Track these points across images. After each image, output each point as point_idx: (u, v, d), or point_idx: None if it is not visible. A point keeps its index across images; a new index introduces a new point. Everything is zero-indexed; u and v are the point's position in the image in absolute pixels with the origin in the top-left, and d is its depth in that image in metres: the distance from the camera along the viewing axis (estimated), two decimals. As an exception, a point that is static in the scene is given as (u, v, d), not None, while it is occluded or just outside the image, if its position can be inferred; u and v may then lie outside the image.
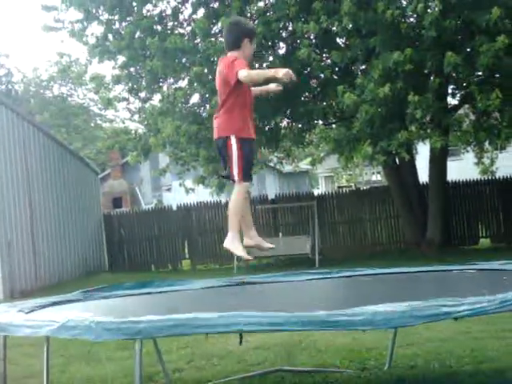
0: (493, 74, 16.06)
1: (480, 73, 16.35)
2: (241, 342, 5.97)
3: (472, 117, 19.94)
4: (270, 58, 17.43)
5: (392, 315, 4.41)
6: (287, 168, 33.81)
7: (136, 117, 21.19)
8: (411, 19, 16.19)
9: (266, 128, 18.50)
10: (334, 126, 19.74)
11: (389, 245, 21.01)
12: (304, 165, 32.36)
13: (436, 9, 14.58)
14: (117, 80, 18.59)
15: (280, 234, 21.21)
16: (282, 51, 17.90)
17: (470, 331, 8.30)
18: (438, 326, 8.14)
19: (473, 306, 4.49)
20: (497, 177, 22.00)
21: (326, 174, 44.49)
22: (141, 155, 19.44)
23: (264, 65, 17.64)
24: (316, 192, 28.82)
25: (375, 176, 39.39)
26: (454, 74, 15.91)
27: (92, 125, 49.74)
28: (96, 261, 21.88)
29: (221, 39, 17.25)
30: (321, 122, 19.43)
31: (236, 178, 5.65)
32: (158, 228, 22.21)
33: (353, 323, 4.42)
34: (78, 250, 21.10)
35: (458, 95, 19.13)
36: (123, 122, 21.18)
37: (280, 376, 7.01)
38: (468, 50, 15.53)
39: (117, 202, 38.21)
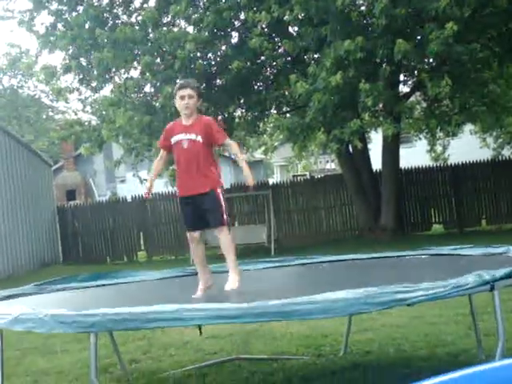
0: (443, 61, 16.23)
1: (431, 60, 16.53)
2: (200, 332, 5.98)
3: (424, 104, 20.18)
4: (223, 48, 17.40)
5: (347, 303, 4.44)
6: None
7: (88, 108, 20.99)
8: (362, 8, 16.27)
9: (220, 117, 18.48)
10: (287, 114, 19.80)
11: (343, 232, 21.17)
12: (259, 154, 32.36)
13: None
14: (67, 69, 18.36)
15: (236, 223, 21.21)
16: (234, 40, 17.87)
17: (424, 316, 8.40)
18: (392, 312, 8.22)
19: (427, 292, 4.55)
20: (449, 163, 22.28)
21: (281, 163, 44.59)
22: (95, 146, 19.29)
23: (217, 54, 17.63)
24: (271, 181, 28.87)
25: (329, 164, 39.56)
26: (405, 62, 16.03)
27: (44, 117, 49.11)
28: (50, 253, 21.67)
29: (173, 29, 17.21)
30: (274, 110, 19.48)
31: (224, 223, 6.03)
32: (112, 220, 22.07)
33: (309, 312, 4.45)
34: (32, 242, 20.88)
35: (410, 83, 19.32)
36: (75, 114, 20.89)
37: (237, 364, 7.04)
38: (418, 37, 15.68)
39: (70, 195, 37.85)
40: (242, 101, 18.53)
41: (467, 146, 29.20)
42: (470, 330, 7.02)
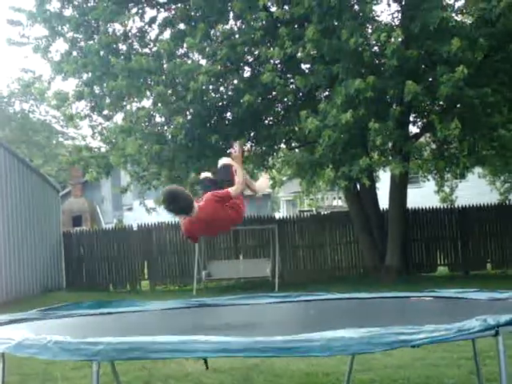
0: (453, 103, 16.31)
1: (441, 102, 16.61)
2: (207, 367, 5.97)
3: (433, 145, 20.23)
4: (235, 81, 17.52)
5: (350, 342, 4.43)
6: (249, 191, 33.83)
7: (98, 135, 21.07)
8: (375, 48, 16.39)
9: (229, 150, 18.54)
10: (296, 150, 19.86)
11: (348, 270, 21.13)
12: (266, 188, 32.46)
13: (399, 39, 14.81)
14: (79, 96, 18.47)
15: (240, 257, 21.19)
16: (246, 74, 18.00)
17: (427, 358, 8.37)
18: (395, 353, 8.19)
19: (431, 334, 4.54)
20: (456, 206, 22.27)
21: (288, 197, 44.67)
22: (102, 173, 19.36)
23: (229, 87, 17.76)
24: (277, 215, 28.89)
25: (336, 201, 39.58)
26: (415, 103, 16.11)
27: (54, 142, 49.33)
28: (54, 279, 21.64)
29: (187, 61, 17.34)
30: (284, 145, 19.56)
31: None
32: (117, 248, 22.06)
33: (310, 349, 4.44)
34: (36, 267, 20.87)
35: (420, 124, 19.39)
36: (84, 139, 20.95)
37: (237, 399, 7.01)
38: (429, 79, 15.77)
39: (77, 221, 37.92)
40: (252, 134, 18.62)
41: (475, 189, 29.22)
42: (473, 375, 6.99)
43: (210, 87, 17.17)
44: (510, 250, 20.80)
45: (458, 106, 16.42)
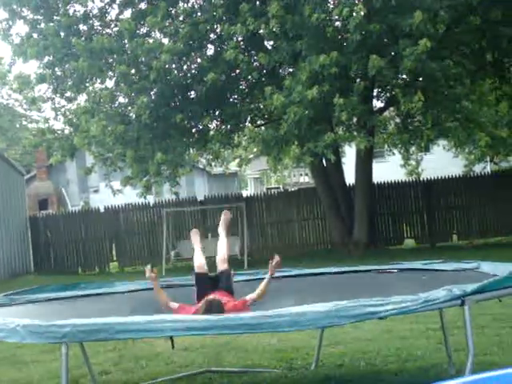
0: (416, 77, 16.37)
1: (404, 76, 16.66)
2: (173, 346, 5.97)
3: (397, 119, 20.33)
4: (198, 60, 17.42)
5: (317, 316, 4.46)
6: (216, 170, 33.78)
7: (61, 117, 20.86)
8: (337, 23, 16.37)
9: (194, 129, 18.49)
10: (262, 127, 19.84)
11: (316, 245, 21.21)
12: (233, 166, 32.39)
13: (361, 13, 14.80)
14: (41, 79, 18.27)
15: (209, 236, 21.16)
16: (209, 52, 17.91)
17: (395, 330, 8.45)
18: (364, 326, 8.27)
19: (397, 306, 4.58)
20: (421, 179, 22.42)
21: (255, 175, 44.68)
22: (67, 155, 19.21)
23: (192, 66, 17.65)
24: (245, 193, 28.89)
25: (303, 178, 39.66)
26: (379, 78, 16.15)
27: (17, 126, 48.80)
28: (21, 263, 21.49)
29: (149, 40, 17.19)
30: (249, 123, 19.51)
31: None
32: (85, 230, 21.94)
33: (279, 325, 4.46)
34: (4, 252, 20.70)
35: (383, 98, 19.45)
36: (47, 122, 20.70)
37: (208, 377, 7.03)
38: (392, 53, 15.81)
39: (43, 204, 37.59)
40: (216, 113, 18.55)
41: (440, 162, 29.42)
42: (441, 345, 7.07)
43: (173, 66, 17.06)
44: (475, 221, 21.02)
45: (421, 79, 16.49)
